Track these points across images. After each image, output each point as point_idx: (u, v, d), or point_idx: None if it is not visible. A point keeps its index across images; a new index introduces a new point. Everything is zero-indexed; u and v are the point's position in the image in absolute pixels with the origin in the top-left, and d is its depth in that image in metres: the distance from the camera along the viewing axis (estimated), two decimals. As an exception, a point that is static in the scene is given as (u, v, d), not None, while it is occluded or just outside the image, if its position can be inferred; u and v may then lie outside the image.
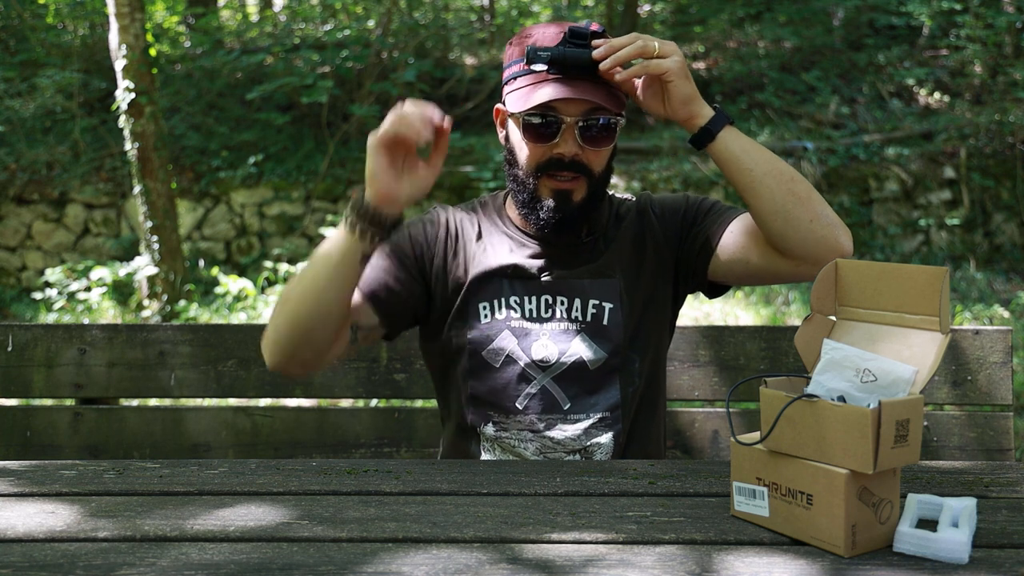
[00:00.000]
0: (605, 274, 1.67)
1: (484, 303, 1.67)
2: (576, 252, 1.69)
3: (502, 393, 1.65)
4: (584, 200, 1.61)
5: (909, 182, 8.10)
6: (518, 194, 1.64)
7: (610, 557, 1.08)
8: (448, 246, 1.71)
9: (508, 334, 1.65)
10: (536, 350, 1.64)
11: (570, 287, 1.66)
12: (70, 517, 1.22)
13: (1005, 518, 1.19)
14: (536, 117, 1.56)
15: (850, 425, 1.05)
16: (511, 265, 1.67)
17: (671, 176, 7.97)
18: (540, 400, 1.63)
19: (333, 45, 8.76)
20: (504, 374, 1.65)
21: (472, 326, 1.66)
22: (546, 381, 1.64)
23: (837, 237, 1.49)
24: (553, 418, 1.63)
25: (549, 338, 1.64)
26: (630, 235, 1.71)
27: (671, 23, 11.44)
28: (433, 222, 1.74)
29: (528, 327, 1.65)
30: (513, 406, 1.64)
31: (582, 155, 1.57)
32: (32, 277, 8.11)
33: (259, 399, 2.50)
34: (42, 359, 2.08)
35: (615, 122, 1.58)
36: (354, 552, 1.10)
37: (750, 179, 1.50)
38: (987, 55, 9.08)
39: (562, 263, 1.68)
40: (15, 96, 9.17)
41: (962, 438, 1.95)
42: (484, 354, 1.65)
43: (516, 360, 1.64)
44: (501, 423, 1.65)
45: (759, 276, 1.61)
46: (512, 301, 1.66)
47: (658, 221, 1.71)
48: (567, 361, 1.63)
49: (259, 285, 6.72)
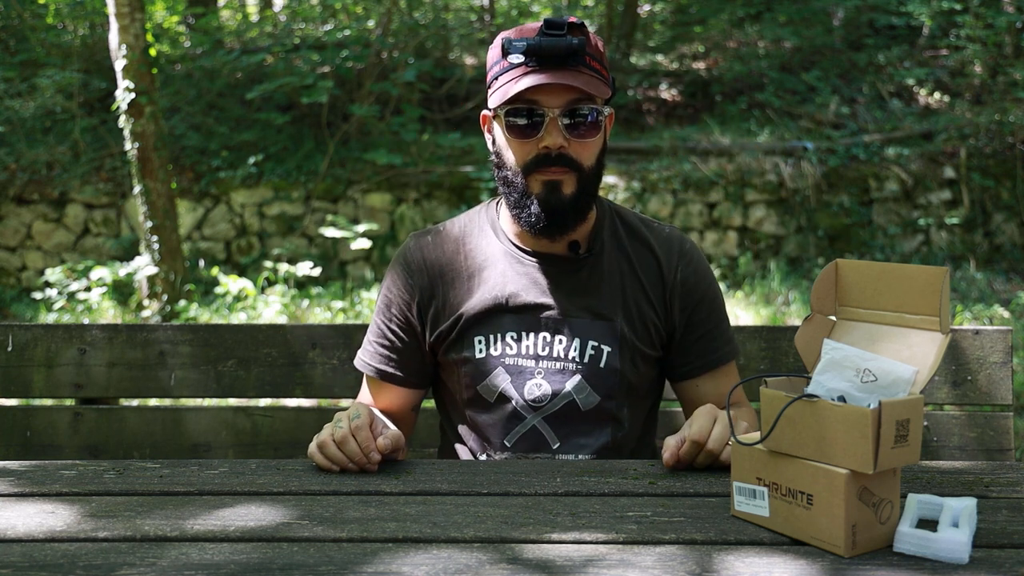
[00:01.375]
0: (606, 316, 1.64)
1: (480, 336, 1.64)
2: (574, 270, 1.65)
3: (493, 429, 1.64)
4: (574, 194, 1.57)
5: (909, 182, 8.10)
6: (509, 195, 1.60)
7: (610, 557, 1.08)
8: (436, 289, 1.68)
9: (502, 371, 1.62)
10: (529, 389, 1.61)
11: (570, 326, 1.62)
12: (70, 517, 1.22)
13: (1005, 518, 1.19)
14: (519, 116, 1.54)
15: (850, 425, 1.05)
16: (508, 295, 1.63)
17: (671, 176, 7.96)
18: (529, 439, 1.62)
19: (333, 45, 8.76)
20: (496, 412, 1.63)
21: (467, 360, 1.64)
22: (536, 421, 1.62)
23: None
24: (541, 457, 1.62)
25: (543, 377, 1.61)
26: (640, 276, 1.67)
27: (671, 23, 11.44)
28: (411, 270, 1.70)
29: (523, 365, 1.62)
30: (502, 443, 1.63)
31: (568, 148, 1.55)
32: (32, 277, 8.11)
33: (259, 399, 2.50)
34: (42, 359, 2.08)
35: (600, 112, 1.56)
36: (354, 552, 1.10)
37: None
38: (987, 55, 9.08)
39: (562, 289, 1.64)
40: (15, 96, 9.17)
41: (962, 438, 1.95)
42: (479, 389, 1.64)
43: (509, 399, 1.62)
44: (492, 457, 1.66)
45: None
46: (509, 337, 1.63)
47: (676, 288, 1.67)
48: (560, 402, 1.61)
49: (259, 285, 6.72)
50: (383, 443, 1.41)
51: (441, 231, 1.72)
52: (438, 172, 8.03)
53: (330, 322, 5.92)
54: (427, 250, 1.70)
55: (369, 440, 1.40)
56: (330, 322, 5.92)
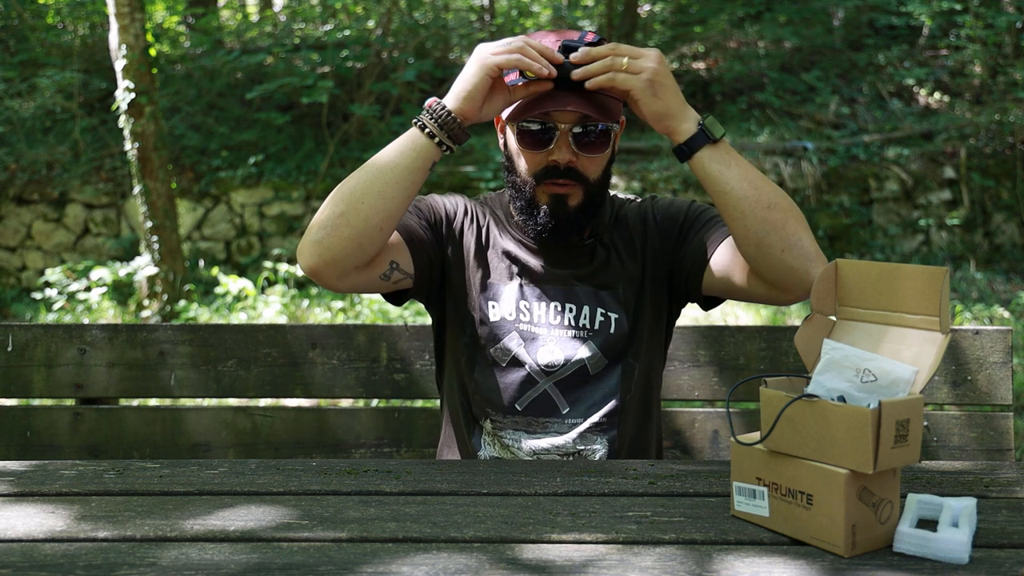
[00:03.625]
0: (610, 286, 1.69)
1: (493, 301, 1.69)
2: (578, 254, 1.70)
3: (504, 393, 1.67)
4: (580, 206, 1.62)
5: (909, 182, 8.10)
6: (516, 200, 1.66)
7: (610, 557, 1.08)
8: (467, 230, 1.73)
9: (516, 336, 1.67)
10: (542, 355, 1.65)
11: (578, 295, 1.68)
12: (70, 517, 1.22)
13: (1005, 518, 1.19)
14: (531, 124, 1.58)
15: (850, 425, 1.05)
16: (522, 266, 1.69)
17: (671, 176, 7.96)
18: (540, 404, 1.66)
19: (333, 45, 8.76)
20: (509, 375, 1.66)
21: (481, 321, 1.69)
22: (548, 385, 1.66)
23: (808, 270, 1.47)
24: (551, 421, 1.66)
25: (556, 343, 1.66)
26: (632, 242, 1.72)
27: (671, 23, 11.44)
28: (457, 205, 1.76)
29: (536, 331, 1.67)
30: (512, 407, 1.66)
31: (577, 162, 1.59)
32: (32, 277, 8.11)
33: (259, 399, 2.50)
34: (42, 359, 2.08)
35: (610, 129, 1.59)
36: (354, 552, 1.10)
37: (724, 201, 1.49)
38: (987, 55, 9.08)
39: (567, 267, 1.69)
40: (15, 96, 9.17)
41: (962, 438, 1.95)
42: (491, 351, 1.67)
43: (522, 363, 1.66)
44: (498, 421, 1.67)
45: (740, 295, 1.62)
46: (522, 305, 1.68)
47: (657, 229, 1.72)
48: (571, 368, 1.66)
49: (259, 285, 6.72)
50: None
51: (474, 200, 1.79)
52: (438, 172, 8.03)
53: (330, 322, 5.92)
54: (468, 203, 1.77)
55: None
56: (330, 322, 5.92)
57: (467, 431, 1.72)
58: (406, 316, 6.12)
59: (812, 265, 1.47)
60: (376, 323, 4.00)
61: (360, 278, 1.57)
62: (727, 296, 1.67)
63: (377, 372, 2.05)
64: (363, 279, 1.58)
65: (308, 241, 1.51)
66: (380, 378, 2.05)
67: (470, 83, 1.49)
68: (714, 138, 1.48)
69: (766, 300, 1.57)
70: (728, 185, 1.48)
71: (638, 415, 1.71)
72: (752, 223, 1.47)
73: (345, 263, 1.51)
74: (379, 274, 1.61)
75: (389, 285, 1.65)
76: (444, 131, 1.50)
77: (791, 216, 1.48)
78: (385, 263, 1.61)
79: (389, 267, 1.61)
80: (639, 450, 1.71)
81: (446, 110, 1.50)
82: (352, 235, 1.49)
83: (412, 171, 1.51)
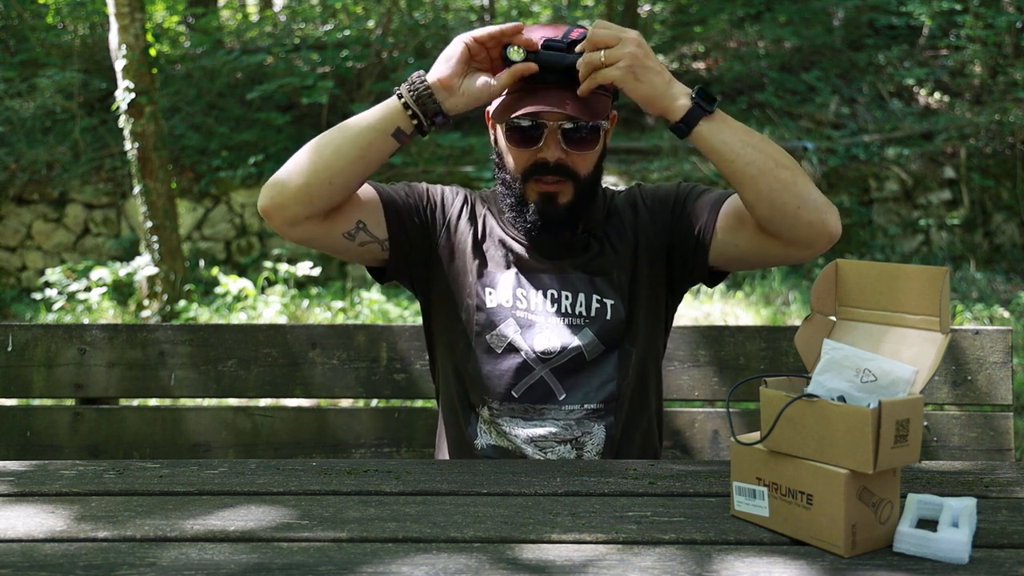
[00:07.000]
0: (605, 272, 1.69)
1: (491, 288, 1.69)
2: (572, 246, 1.70)
3: (500, 380, 1.67)
4: (570, 203, 1.62)
5: (909, 182, 8.10)
6: (506, 197, 1.66)
7: (610, 557, 1.08)
8: (464, 219, 1.74)
9: (513, 323, 1.67)
10: (539, 342, 1.65)
11: (573, 282, 1.68)
12: (70, 517, 1.22)
13: (1005, 518, 1.19)
14: (520, 121, 1.57)
15: (850, 425, 1.05)
16: (517, 256, 1.70)
17: (671, 176, 7.96)
18: (536, 390, 1.66)
19: (333, 45, 8.76)
20: (505, 362, 1.66)
21: (478, 307, 1.69)
22: (544, 372, 1.66)
23: (825, 221, 1.49)
24: (547, 407, 1.66)
25: (552, 331, 1.66)
26: (624, 230, 1.72)
27: (671, 23, 11.44)
28: (456, 194, 1.78)
29: (532, 319, 1.67)
30: (509, 393, 1.66)
31: (566, 159, 1.59)
32: (32, 277, 8.10)
33: (259, 399, 2.50)
34: (42, 359, 2.08)
35: (599, 126, 1.59)
36: (354, 552, 1.10)
37: (732, 169, 1.49)
38: (987, 55, 9.08)
39: (562, 258, 1.70)
40: (15, 96, 9.17)
41: (962, 438, 1.95)
42: (488, 338, 1.68)
43: (518, 349, 1.66)
44: (495, 408, 1.67)
45: (750, 260, 1.62)
46: (519, 292, 1.69)
47: (648, 213, 1.72)
48: (568, 355, 1.65)
49: (259, 285, 6.72)
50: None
51: (474, 192, 1.81)
52: (438, 172, 8.03)
53: (330, 322, 5.92)
54: (466, 192, 1.79)
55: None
56: (330, 322, 5.92)
57: (464, 419, 1.71)
58: (406, 316, 6.12)
59: (828, 216, 1.49)
60: (376, 323, 3.99)
61: (317, 230, 1.60)
62: (736, 265, 1.67)
63: (377, 372, 2.05)
64: (320, 231, 1.61)
65: (267, 183, 1.59)
66: (380, 378, 2.05)
67: (446, 52, 1.54)
68: (709, 110, 1.48)
69: (782, 260, 1.58)
70: (734, 153, 1.48)
71: (636, 401, 1.70)
72: (763, 185, 1.48)
73: (294, 210, 1.56)
74: (343, 231, 1.63)
75: (354, 246, 1.66)
76: (418, 103, 1.53)
77: (798, 172, 1.50)
78: (351, 221, 1.63)
79: (355, 226, 1.63)
80: (637, 437, 1.71)
81: (424, 82, 1.54)
82: (302, 184, 1.55)
83: (373, 131, 1.54)
